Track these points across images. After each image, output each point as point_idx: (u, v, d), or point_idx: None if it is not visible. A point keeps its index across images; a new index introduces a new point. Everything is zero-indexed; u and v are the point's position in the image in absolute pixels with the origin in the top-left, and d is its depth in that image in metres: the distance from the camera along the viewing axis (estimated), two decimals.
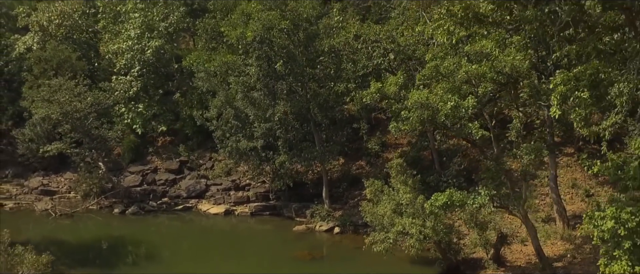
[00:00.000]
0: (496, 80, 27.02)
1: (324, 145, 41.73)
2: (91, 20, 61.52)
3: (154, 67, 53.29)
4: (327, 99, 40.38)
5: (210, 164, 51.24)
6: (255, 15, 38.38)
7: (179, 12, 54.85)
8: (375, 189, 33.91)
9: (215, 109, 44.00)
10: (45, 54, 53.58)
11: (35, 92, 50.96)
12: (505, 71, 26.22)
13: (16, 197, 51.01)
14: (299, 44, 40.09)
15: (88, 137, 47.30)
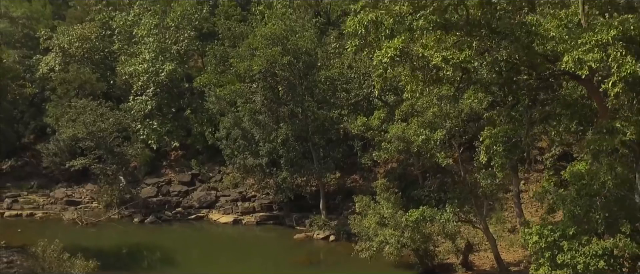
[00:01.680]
0: (459, 117, 34.34)
1: (321, 162, 49.15)
2: (107, 41, 68.98)
3: (168, 87, 60.82)
4: (324, 122, 47.76)
5: (219, 176, 58.77)
6: (260, 51, 45.77)
7: (189, 36, 62.40)
8: (364, 204, 41.34)
9: (224, 130, 51.56)
10: (67, 75, 61.27)
11: (60, 110, 58.87)
12: (465, 110, 33.53)
13: (43, 207, 58.56)
14: (298, 73, 47.51)
15: (110, 154, 54.75)
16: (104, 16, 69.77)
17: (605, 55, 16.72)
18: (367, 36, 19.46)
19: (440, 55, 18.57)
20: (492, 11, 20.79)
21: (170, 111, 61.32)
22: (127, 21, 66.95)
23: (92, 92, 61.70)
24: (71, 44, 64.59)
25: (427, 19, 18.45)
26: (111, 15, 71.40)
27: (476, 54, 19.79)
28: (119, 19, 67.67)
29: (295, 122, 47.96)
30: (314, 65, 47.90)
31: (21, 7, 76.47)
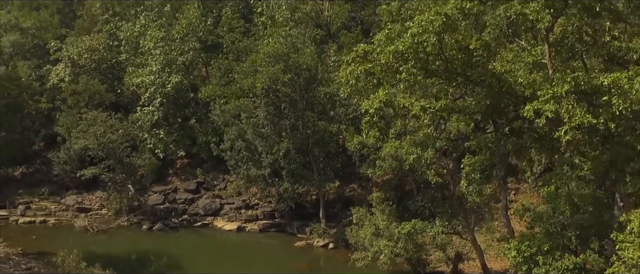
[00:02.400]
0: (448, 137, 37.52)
1: (321, 173, 52.37)
2: (114, 52, 72.13)
3: (174, 98, 63.97)
4: (324, 136, 50.94)
5: (223, 185, 62.03)
6: (263, 68, 48.96)
7: (194, 48, 65.62)
8: (360, 215, 44.66)
9: (228, 142, 54.81)
10: (78, 87, 64.39)
11: (70, 120, 62.19)
12: (453, 132, 36.71)
13: (55, 213, 61.84)
14: (299, 89, 50.70)
15: (119, 164, 57.98)
16: (111, 27, 72.84)
17: (559, 107, 19.85)
18: (357, 84, 22.62)
19: (419, 104, 21.73)
20: (469, 57, 23.93)
21: (176, 121, 64.38)
22: (134, 32, 70.04)
23: (101, 102, 64.97)
24: (80, 55, 67.74)
25: (410, 72, 21.64)
26: (118, 25, 74.57)
27: (452, 100, 22.92)
28: (126, 30, 70.76)
29: (296, 136, 51.17)
30: (315, 81, 51.05)
31: (30, 17, 79.71)
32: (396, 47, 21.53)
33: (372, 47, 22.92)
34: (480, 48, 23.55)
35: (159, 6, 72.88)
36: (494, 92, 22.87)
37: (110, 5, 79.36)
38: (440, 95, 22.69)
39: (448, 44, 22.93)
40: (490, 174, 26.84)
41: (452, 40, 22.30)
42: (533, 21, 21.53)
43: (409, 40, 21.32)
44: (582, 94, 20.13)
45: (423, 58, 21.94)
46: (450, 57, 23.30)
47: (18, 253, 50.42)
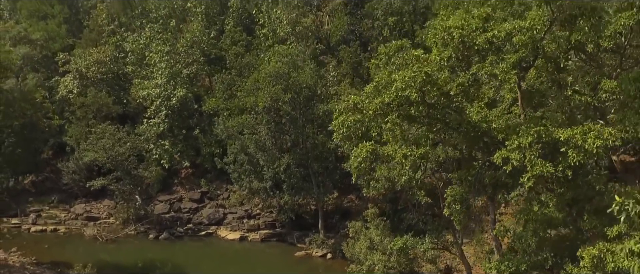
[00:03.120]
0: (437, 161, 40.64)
1: (320, 187, 55.58)
2: (121, 63, 75.34)
3: (178, 110, 67.13)
4: (322, 151, 54.13)
5: (226, 194, 65.32)
6: (264, 89, 52.12)
7: (198, 61, 68.83)
8: (356, 228, 47.84)
9: (232, 155, 57.99)
10: (86, 99, 67.63)
11: (78, 131, 65.46)
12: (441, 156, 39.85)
13: (65, 222, 65.22)
14: (299, 106, 53.88)
15: (127, 175, 61.22)
16: (117, 39, 76.03)
17: (523, 157, 22.99)
18: (348, 131, 25.80)
19: (401, 152, 24.90)
20: (449, 101, 27.09)
21: (181, 132, 67.58)
22: (139, 44, 73.22)
23: (108, 114, 68.29)
24: (88, 68, 70.96)
25: (394, 122, 24.80)
26: (123, 36, 77.81)
27: (432, 144, 26.09)
28: (131, 41, 73.96)
29: (296, 151, 54.41)
30: (314, 98, 54.21)
31: (38, 27, 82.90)
32: (382, 99, 24.70)
33: (361, 98, 26.07)
34: (459, 94, 26.65)
35: (164, 18, 76.16)
36: (470, 136, 26.03)
37: (116, 16, 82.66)
38: (421, 141, 25.85)
39: (430, 91, 26.06)
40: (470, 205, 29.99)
41: (433, 88, 25.40)
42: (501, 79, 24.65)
43: (393, 94, 24.45)
44: (544, 145, 23.25)
45: (406, 108, 25.09)
46: (431, 104, 26.44)
47: (32, 262, 53.84)
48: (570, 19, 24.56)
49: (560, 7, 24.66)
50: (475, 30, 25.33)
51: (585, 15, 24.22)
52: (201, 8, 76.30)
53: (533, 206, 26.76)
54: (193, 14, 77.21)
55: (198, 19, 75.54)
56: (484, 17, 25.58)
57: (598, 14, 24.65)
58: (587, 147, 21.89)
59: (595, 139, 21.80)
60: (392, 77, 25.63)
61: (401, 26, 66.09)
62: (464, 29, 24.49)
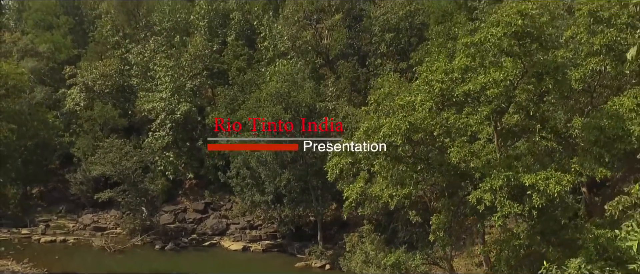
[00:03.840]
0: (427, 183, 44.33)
1: (319, 200, 59.30)
2: (126, 75, 79.12)
3: (183, 123, 70.90)
4: (320, 167, 57.69)
5: (229, 205, 69.16)
6: (266, 109, 55.78)
7: (201, 74, 72.58)
8: (353, 242, 51.64)
9: (234, 169, 61.72)
10: (93, 113, 71.42)
11: (85, 143, 69.27)
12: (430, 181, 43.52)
13: (73, 232, 69.04)
14: (299, 123, 57.50)
15: (133, 188, 64.97)
16: (122, 52, 79.78)
17: (494, 198, 26.66)
18: (341, 173, 29.52)
19: (387, 192, 28.60)
20: (433, 140, 30.75)
21: (185, 144, 71.39)
22: (144, 57, 76.98)
23: (114, 126, 72.10)
24: (95, 81, 74.74)
25: (381, 164, 28.51)
26: (128, 47, 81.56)
27: (415, 183, 29.79)
28: (136, 53, 77.68)
29: (296, 167, 58.08)
30: (313, 115, 57.87)
31: (44, 37, 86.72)
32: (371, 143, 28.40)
33: (352, 142, 29.77)
34: (442, 134, 30.32)
35: (168, 31, 79.92)
36: (451, 175, 29.72)
37: (121, 28, 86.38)
38: (406, 181, 29.53)
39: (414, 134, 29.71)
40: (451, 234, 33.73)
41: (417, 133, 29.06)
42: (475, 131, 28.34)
43: (381, 139, 28.13)
44: (513, 187, 26.90)
45: (392, 151, 28.78)
46: (416, 142, 30.14)
47: (44, 273, 57.62)
48: (537, 75, 28.16)
49: (529, 62, 28.27)
50: (455, 81, 29.01)
51: (549, 73, 27.82)
52: (204, 22, 80.00)
53: (506, 238, 30.43)
54: (196, 27, 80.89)
55: (201, 32, 79.23)
56: (464, 68, 29.19)
57: (561, 71, 28.24)
58: (549, 191, 25.55)
59: (555, 184, 25.46)
60: (380, 122, 29.30)
61: (397, 42, 69.59)
62: (443, 82, 28.15)
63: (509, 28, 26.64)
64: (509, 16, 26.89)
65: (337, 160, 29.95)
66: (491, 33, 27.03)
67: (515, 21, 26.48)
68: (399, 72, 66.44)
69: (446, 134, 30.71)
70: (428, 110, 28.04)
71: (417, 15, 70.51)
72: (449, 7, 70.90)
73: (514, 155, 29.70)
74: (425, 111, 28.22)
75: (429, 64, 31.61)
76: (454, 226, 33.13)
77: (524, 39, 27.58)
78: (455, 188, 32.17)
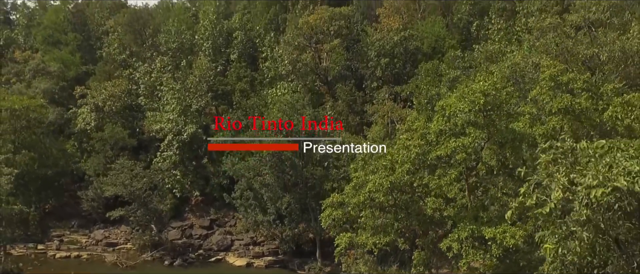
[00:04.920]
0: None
1: (318, 220, 65.42)
2: (134, 95, 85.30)
3: (189, 143, 77.08)
4: (319, 191, 63.98)
5: (233, 222, 75.41)
6: (268, 136, 61.94)
7: (206, 96, 78.75)
8: (348, 264, 57.93)
9: (239, 191, 67.95)
10: (104, 134, 77.64)
11: (96, 162, 75.52)
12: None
13: (86, 248, 75.39)
14: (300, 151, 63.68)
15: (143, 207, 71.21)
16: (130, 72, 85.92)
17: (461, 247, 32.79)
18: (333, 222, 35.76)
19: (371, 240, 34.80)
20: (413, 190, 36.91)
21: (191, 163, 77.60)
22: (150, 78, 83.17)
23: (124, 145, 78.38)
24: (105, 102, 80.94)
25: (367, 216, 34.73)
26: (135, 66, 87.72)
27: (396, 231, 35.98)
28: (143, 72, 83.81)
29: (296, 190, 64.30)
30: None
31: (53, 55, 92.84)
32: (358, 199, 34.56)
33: (343, 197, 35.96)
34: (420, 186, 36.49)
35: (173, 51, 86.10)
36: (427, 223, 35.92)
37: (128, 46, 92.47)
38: (387, 229, 35.68)
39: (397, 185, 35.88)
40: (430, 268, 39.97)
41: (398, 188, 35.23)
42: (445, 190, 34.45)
43: (366, 195, 34.30)
44: (476, 238, 33.02)
45: (376, 202, 34.96)
46: (398, 192, 36.31)
47: None
48: (499, 143, 34.26)
49: (493, 130, 34.36)
50: (430, 142, 35.14)
51: (508, 142, 33.89)
52: (208, 43, 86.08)
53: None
54: (200, 47, 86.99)
55: (205, 53, 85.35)
56: (438, 132, 35.30)
57: (518, 140, 34.29)
58: (505, 244, 31.71)
59: (510, 238, 31.62)
60: (367, 178, 35.49)
61: (392, 67, 75.66)
62: (419, 147, 34.27)
63: (473, 105, 32.68)
64: (474, 94, 32.91)
65: (329, 211, 36.17)
66: (459, 108, 33.07)
67: (478, 100, 32.49)
68: (394, 95, 72.78)
69: (424, 186, 36.86)
70: (406, 171, 34.17)
71: (412, 40, 76.53)
72: (442, 33, 77.31)
73: (481, 205, 35.81)
74: (404, 173, 34.35)
75: (410, 123, 37.68)
76: (432, 261, 39.20)
77: (488, 111, 33.61)
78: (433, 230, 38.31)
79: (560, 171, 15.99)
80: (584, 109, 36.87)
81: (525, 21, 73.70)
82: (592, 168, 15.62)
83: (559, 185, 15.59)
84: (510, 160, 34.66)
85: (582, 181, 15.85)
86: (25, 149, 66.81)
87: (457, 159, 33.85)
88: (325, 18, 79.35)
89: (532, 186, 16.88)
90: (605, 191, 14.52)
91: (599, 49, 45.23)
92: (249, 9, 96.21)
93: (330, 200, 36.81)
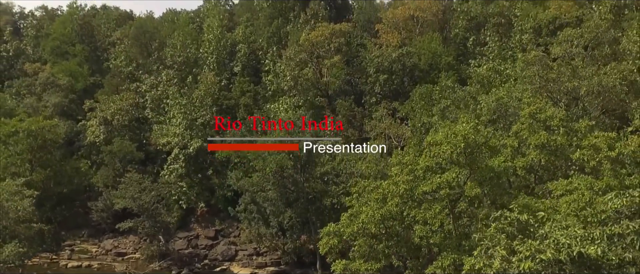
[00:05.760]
0: None
1: (318, 234, 70.00)
2: (141, 107, 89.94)
3: (195, 157, 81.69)
4: (319, 206, 68.53)
5: (237, 232, 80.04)
6: (271, 157, 66.44)
7: (211, 111, 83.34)
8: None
9: (243, 205, 72.52)
10: (113, 147, 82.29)
11: (105, 174, 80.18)
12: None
13: (96, 257, 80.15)
14: (300, 169, 68.20)
15: (152, 220, 75.86)
16: (137, 85, 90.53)
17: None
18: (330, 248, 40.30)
19: (364, 267, 39.26)
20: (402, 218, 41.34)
21: (196, 176, 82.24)
22: (157, 91, 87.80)
23: (132, 158, 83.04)
24: (113, 116, 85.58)
25: (360, 245, 39.26)
26: (141, 78, 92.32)
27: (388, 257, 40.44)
28: (149, 85, 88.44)
29: (298, 206, 68.83)
30: (312, 163, 68.50)
31: (62, 67, 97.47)
32: (351, 229, 39.05)
33: (339, 226, 40.45)
34: (408, 216, 40.93)
35: (179, 64, 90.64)
36: (413, 250, 40.42)
37: (134, 58, 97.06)
38: (379, 256, 40.11)
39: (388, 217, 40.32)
40: None
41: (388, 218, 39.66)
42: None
43: (359, 225, 38.80)
44: (458, 266, 37.43)
45: (369, 231, 39.42)
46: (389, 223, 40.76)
47: None
48: (478, 181, 38.68)
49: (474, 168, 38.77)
50: (418, 178, 39.58)
51: (485, 181, 38.30)
52: (213, 57, 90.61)
53: None
54: (205, 62, 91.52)
55: (210, 67, 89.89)
56: (425, 168, 39.71)
57: (496, 178, 38.67)
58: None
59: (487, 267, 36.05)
60: (361, 209, 40.00)
61: (390, 83, 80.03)
62: (407, 182, 38.72)
63: (455, 148, 37.09)
64: (456, 137, 37.30)
65: (326, 240, 40.65)
66: (442, 150, 37.50)
67: (459, 143, 36.89)
68: (392, 111, 77.20)
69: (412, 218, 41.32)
70: (395, 205, 38.65)
71: (409, 57, 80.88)
72: (438, 50, 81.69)
73: (464, 234, 40.26)
74: (394, 205, 38.83)
75: (401, 157, 42.16)
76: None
77: (469, 153, 37.99)
78: (422, 256, 42.74)
79: (502, 242, 20.38)
80: (559, 145, 41.27)
81: (519, 38, 78.29)
82: (527, 241, 20.07)
83: (499, 255, 20.02)
84: (488, 196, 39.04)
85: (519, 250, 20.35)
86: (41, 168, 71.50)
87: (441, 194, 38.23)
88: (326, 35, 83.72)
89: (483, 250, 21.27)
90: (532, 264, 18.95)
91: (579, 82, 49.54)
92: (252, 21, 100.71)
93: (327, 229, 41.19)
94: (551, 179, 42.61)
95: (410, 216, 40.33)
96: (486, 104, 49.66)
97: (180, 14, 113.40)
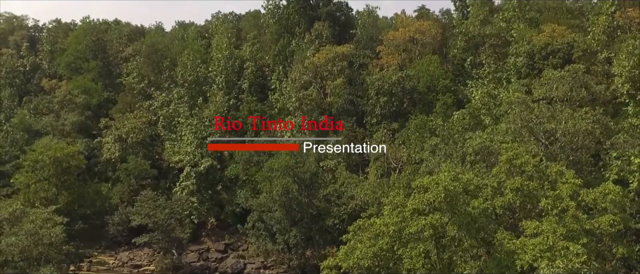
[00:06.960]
0: None
1: (321, 249, 77.22)
2: (153, 124, 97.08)
3: (205, 174, 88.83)
4: (322, 226, 75.61)
5: (245, 246, 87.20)
6: (277, 180, 73.45)
7: (221, 130, 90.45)
8: None
9: (251, 222, 79.66)
10: (129, 165, 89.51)
11: (121, 190, 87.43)
12: None
13: (114, 269, 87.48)
14: (304, 189, 75.24)
15: (165, 235, 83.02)
16: (150, 103, 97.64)
17: None
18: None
19: None
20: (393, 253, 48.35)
21: (207, 192, 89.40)
22: (168, 109, 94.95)
23: (146, 176, 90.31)
24: (128, 134, 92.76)
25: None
26: (154, 95, 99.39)
27: None
28: (160, 103, 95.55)
29: (302, 225, 75.94)
30: (315, 185, 75.54)
31: (77, 83, 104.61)
32: (348, 264, 46.16)
33: (336, 261, 47.55)
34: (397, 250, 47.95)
35: (189, 83, 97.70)
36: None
37: (146, 76, 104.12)
38: None
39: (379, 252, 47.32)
40: None
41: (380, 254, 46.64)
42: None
43: (354, 260, 45.85)
44: None
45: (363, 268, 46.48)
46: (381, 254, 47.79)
47: None
48: (457, 226, 45.59)
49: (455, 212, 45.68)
50: (405, 219, 46.57)
51: (463, 225, 45.20)
52: (222, 77, 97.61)
53: None
54: (214, 81, 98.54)
55: (219, 86, 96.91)
56: (412, 210, 46.66)
57: (474, 223, 45.51)
58: None
59: None
60: (356, 245, 47.09)
61: (390, 105, 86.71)
62: (395, 224, 45.70)
63: (437, 196, 43.99)
64: (437, 189, 44.18)
65: (327, 272, 47.80)
66: (426, 197, 44.45)
67: (439, 195, 43.78)
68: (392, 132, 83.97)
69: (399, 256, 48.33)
70: (386, 243, 45.69)
71: (408, 79, 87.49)
72: (436, 73, 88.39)
73: (447, 264, 47.28)
74: (384, 243, 45.87)
75: (392, 197, 49.21)
76: None
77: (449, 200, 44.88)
78: None
79: None
80: (532, 189, 48.14)
81: (514, 61, 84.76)
82: None
83: None
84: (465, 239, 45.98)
85: None
86: (65, 191, 78.78)
87: (425, 235, 45.15)
88: (329, 58, 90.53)
89: None
90: None
91: (556, 125, 56.27)
92: (259, 38, 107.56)
93: (326, 263, 48.20)
94: (526, 217, 49.43)
95: (398, 253, 47.24)
96: (471, 146, 56.49)
97: (189, 28, 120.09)
